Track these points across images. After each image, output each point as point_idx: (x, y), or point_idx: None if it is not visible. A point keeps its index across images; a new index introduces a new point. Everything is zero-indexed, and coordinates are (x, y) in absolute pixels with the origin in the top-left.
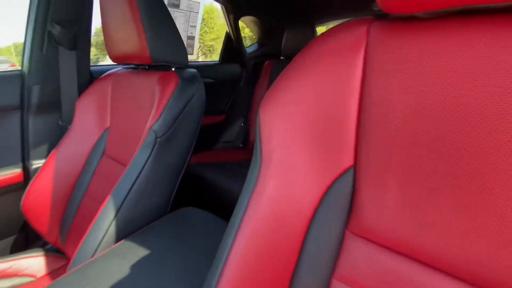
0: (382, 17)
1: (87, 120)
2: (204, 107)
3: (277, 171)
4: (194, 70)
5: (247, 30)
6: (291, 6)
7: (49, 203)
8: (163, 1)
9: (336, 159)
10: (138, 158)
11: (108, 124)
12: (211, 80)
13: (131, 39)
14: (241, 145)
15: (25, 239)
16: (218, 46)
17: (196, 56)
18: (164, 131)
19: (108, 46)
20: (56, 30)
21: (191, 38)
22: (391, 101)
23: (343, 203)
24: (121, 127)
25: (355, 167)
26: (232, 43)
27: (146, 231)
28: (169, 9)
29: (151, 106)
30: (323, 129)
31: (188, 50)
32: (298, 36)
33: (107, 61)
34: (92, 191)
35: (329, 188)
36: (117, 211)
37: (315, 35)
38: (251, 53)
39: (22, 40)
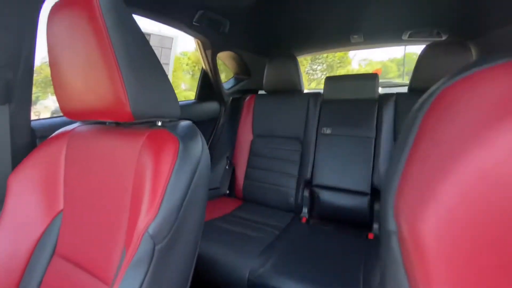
0: None
1: (27, 203)
2: (209, 173)
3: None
4: (189, 122)
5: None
6: (272, 40)
7: None
8: (142, 33)
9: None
10: (128, 278)
11: (60, 207)
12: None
13: (101, 90)
14: (228, 191)
15: None
16: (176, 80)
17: None
18: (167, 231)
19: (61, 99)
20: None
21: None
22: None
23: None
24: (82, 212)
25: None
26: (208, 80)
27: None
28: None
29: (135, 184)
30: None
31: None
32: (280, 70)
33: (55, 102)
34: None
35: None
36: None
37: (298, 68)
38: (229, 88)
39: None
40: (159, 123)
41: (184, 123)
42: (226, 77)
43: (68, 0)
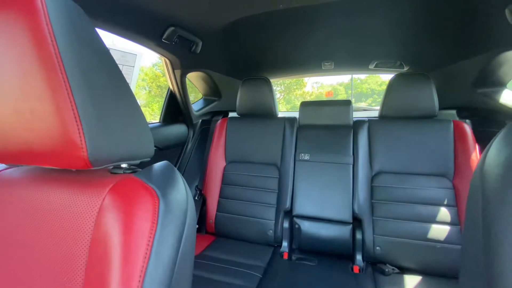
0: None
1: None
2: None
3: None
4: (164, 162)
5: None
6: (245, 62)
7: None
8: (107, 50)
9: None
10: None
11: None
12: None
13: (43, 123)
14: (197, 226)
15: None
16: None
17: None
18: None
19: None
20: None
21: None
22: None
23: None
24: (14, 268)
25: None
26: (175, 101)
27: None
28: None
29: (90, 251)
30: None
31: None
32: (255, 93)
33: None
34: None
35: None
36: None
37: (272, 91)
38: (198, 110)
39: None
40: (124, 165)
41: (158, 165)
42: (195, 98)
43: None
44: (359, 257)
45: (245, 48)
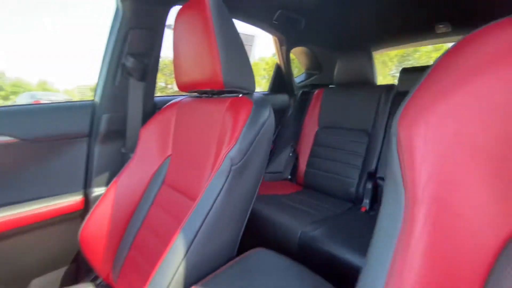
0: None
1: (149, 148)
2: (273, 134)
3: (434, 212)
4: (261, 94)
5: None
6: (346, 35)
7: (105, 234)
8: (236, 29)
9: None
10: (210, 189)
11: (169, 152)
12: None
13: (205, 66)
14: (289, 176)
15: (76, 271)
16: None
17: None
18: (240, 158)
19: (178, 75)
20: (130, 62)
21: None
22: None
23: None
24: (184, 155)
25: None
26: (281, 74)
27: (217, 278)
28: None
29: (221, 135)
30: (505, 155)
31: None
32: (353, 64)
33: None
34: (149, 223)
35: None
36: (185, 254)
37: (372, 62)
38: (300, 82)
39: (86, 83)
40: (240, 95)
41: (258, 95)
42: (298, 72)
43: (188, 6)
44: None
45: (346, 21)
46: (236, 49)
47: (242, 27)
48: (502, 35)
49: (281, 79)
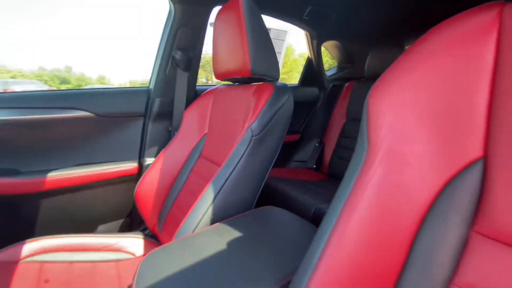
0: None
1: (190, 128)
2: (291, 116)
3: (386, 159)
4: (284, 82)
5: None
6: (378, 29)
7: (154, 193)
8: (265, 25)
9: (460, 149)
10: (235, 153)
11: (206, 130)
12: None
13: (237, 57)
14: (314, 166)
15: (130, 222)
16: (289, 79)
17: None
18: (259, 130)
19: (215, 65)
20: (178, 55)
21: None
22: None
23: (467, 200)
24: (217, 133)
25: (485, 158)
26: (312, 67)
27: (237, 219)
28: None
29: (246, 113)
30: (446, 117)
31: None
32: (384, 58)
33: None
34: (188, 186)
35: (449, 182)
36: (213, 200)
37: None
38: (330, 76)
39: (135, 79)
40: (264, 82)
41: (280, 82)
42: (329, 66)
43: (226, 7)
44: None
45: (379, 14)
46: (263, 43)
47: (275, 22)
48: (453, 29)
49: (312, 72)
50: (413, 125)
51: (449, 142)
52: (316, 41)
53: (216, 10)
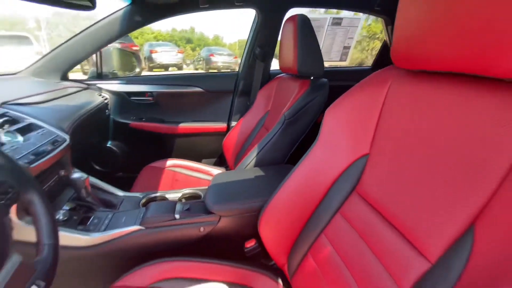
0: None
1: (260, 104)
2: (322, 107)
3: (322, 147)
4: (325, 80)
5: None
6: None
7: (234, 144)
8: (313, 30)
9: (360, 147)
10: (274, 129)
11: (269, 108)
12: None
13: (290, 58)
14: None
15: (220, 163)
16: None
17: (348, 62)
18: (291, 116)
19: (280, 60)
20: (257, 50)
21: (347, 48)
22: (396, 117)
23: (356, 174)
24: (273, 112)
25: (369, 154)
26: (387, 51)
27: (267, 167)
28: (331, 27)
29: (287, 102)
30: (356, 126)
31: (343, 57)
32: None
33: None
34: (254, 142)
35: (350, 165)
36: (257, 154)
37: None
38: None
39: (244, 38)
40: (311, 78)
41: (321, 80)
42: None
43: (288, 20)
44: None
45: None
46: (311, 49)
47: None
48: (369, 79)
49: (387, 56)
50: (340, 129)
51: (356, 141)
52: (391, 27)
53: (289, 13)
